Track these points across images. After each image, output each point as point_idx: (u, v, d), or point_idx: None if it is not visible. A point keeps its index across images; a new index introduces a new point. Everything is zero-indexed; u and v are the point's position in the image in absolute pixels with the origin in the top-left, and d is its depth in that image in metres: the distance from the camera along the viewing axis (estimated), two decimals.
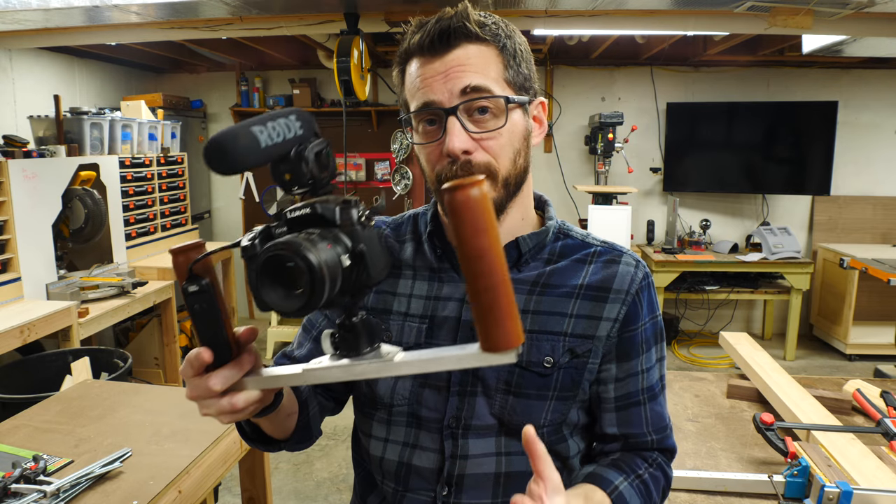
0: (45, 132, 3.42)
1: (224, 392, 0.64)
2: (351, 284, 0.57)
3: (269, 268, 0.54)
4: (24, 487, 1.19)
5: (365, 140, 4.99)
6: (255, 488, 1.79)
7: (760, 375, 1.62)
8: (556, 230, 0.91)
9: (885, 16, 2.80)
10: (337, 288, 0.54)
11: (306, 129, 0.60)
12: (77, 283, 3.17)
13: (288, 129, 0.58)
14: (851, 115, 4.68)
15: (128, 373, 2.54)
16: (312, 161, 0.59)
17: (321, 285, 0.52)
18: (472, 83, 0.78)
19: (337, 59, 2.99)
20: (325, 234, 0.55)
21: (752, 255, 4.33)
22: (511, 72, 0.81)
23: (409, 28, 0.83)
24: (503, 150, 0.81)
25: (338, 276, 0.54)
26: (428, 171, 0.84)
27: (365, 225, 0.58)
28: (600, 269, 0.86)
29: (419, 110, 0.81)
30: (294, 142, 0.59)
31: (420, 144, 0.83)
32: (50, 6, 2.53)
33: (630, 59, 4.72)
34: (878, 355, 4.28)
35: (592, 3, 2.75)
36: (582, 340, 0.84)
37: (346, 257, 0.55)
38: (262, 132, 0.56)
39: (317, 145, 0.60)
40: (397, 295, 0.90)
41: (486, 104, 0.79)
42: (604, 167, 4.44)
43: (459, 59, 0.78)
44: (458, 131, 0.78)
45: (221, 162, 0.54)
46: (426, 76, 0.79)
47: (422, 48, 0.80)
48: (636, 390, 0.87)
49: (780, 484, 1.14)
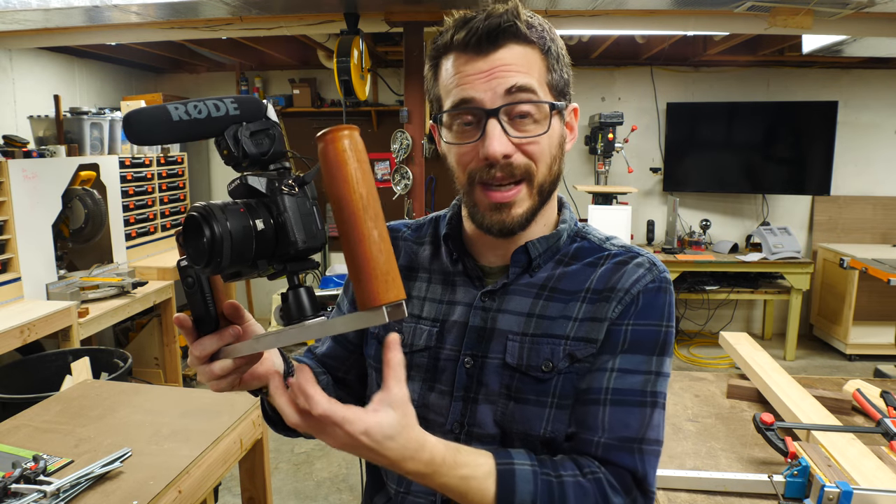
0: (45, 132, 3.42)
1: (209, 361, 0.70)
2: (275, 251, 0.61)
3: (187, 226, 0.59)
4: (24, 487, 1.19)
5: (365, 140, 4.86)
6: (255, 488, 1.78)
7: (760, 375, 1.62)
8: (571, 232, 0.89)
9: (885, 16, 2.80)
10: (248, 252, 0.59)
11: (245, 112, 0.63)
12: (77, 283, 3.17)
13: (216, 108, 0.61)
14: (851, 115, 4.68)
15: (128, 373, 2.54)
16: (246, 140, 0.62)
17: (220, 246, 0.57)
18: (519, 83, 0.75)
19: (337, 59, 2.99)
20: (247, 203, 0.61)
21: (752, 255, 4.33)
22: (554, 76, 0.79)
23: (451, 21, 0.78)
24: (542, 157, 0.78)
25: (245, 240, 0.58)
26: (458, 170, 0.80)
27: (290, 193, 0.61)
28: (609, 272, 0.82)
29: (457, 107, 0.77)
30: (225, 121, 0.62)
31: (453, 144, 0.80)
32: (50, 6, 2.53)
33: (630, 59, 4.73)
34: (878, 355, 4.28)
35: (592, 3, 2.75)
36: (584, 344, 0.79)
37: (260, 222, 0.59)
38: (178, 108, 0.60)
39: (255, 125, 0.63)
40: (412, 298, 0.90)
41: (529, 109, 0.76)
42: (604, 167, 4.44)
43: (505, 59, 0.75)
44: (500, 134, 0.75)
45: (128, 132, 0.59)
46: (468, 73, 0.76)
47: (466, 45, 0.76)
48: (599, 387, 0.77)
49: (780, 484, 1.14)
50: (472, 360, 0.83)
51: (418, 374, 0.86)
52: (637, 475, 0.75)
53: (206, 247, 0.57)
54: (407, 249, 0.95)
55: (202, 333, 0.69)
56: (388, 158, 5.01)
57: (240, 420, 1.57)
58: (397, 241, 0.97)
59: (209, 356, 0.69)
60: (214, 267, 0.58)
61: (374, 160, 5.06)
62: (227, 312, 0.70)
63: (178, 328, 0.70)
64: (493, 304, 0.84)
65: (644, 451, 0.76)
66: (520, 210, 0.79)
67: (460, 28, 0.76)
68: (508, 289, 0.85)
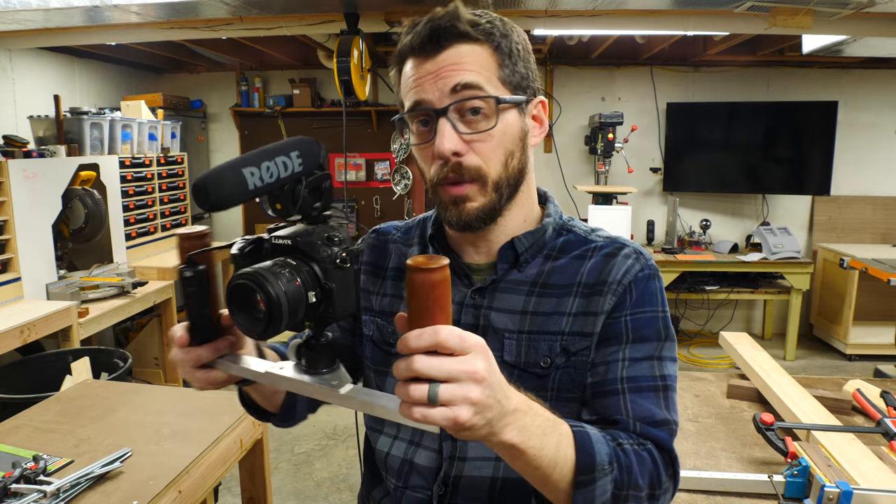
0: (45, 132, 3.42)
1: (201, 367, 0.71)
2: (315, 316, 0.61)
3: (236, 293, 0.58)
4: (24, 487, 1.19)
5: (365, 140, 4.99)
6: (255, 488, 1.78)
7: (760, 375, 1.62)
8: (557, 226, 0.89)
9: (885, 16, 2.80)
10: (299, 318, 0.58)
11: (307, 164, 0.62)
12: (77, 283, 3.17)
13: (285, 167, 0.60)
14: (851, 115, 4.68)
15: (128, 373, 2.54)
16: (305, 196, 0.62)
17: (278, 316, 0.56)
18: (463, 80, 0.76)
19: (337, 59, 2.99)
20: (298, 268, 0.59)
21: (752, 255, 4.33)
22: (506, 71, 0.80)
23: (403, 28, 0.82)
24: (494, 153, 0.79)
25: (299, 309, 0.58)
26: (425, 171, 0.83)
27: (341, 266, 0.60)
28: (598, 264, 0.83)
29: (411, 110, 0.80)
30: (290, 179, 0.61)
31: (415, 146, 0.83)
32: (50, 6, 2.53)
33: (630, 59, 4.72)
34: (878, 355, 4.27)
35: (592, 3, 2.75)
36: (579, 338, 0.81)
37: (312, 294, 0.59)
38: (254, 174, 0.58)
39: (315, 180, 0.62)
40: (405, 298, 0.90)
41: (478, 104, 0.77)
42: (604, 167, 4.44)
43: (451, 58, 0.77)
44: (449, 132, 0.77)
45: (204, 203, 0.56)
46: (418, 76, 0.78)
47: (413, 49, 0.79)
48: (614, 378, 0.79)
49: (780, 484, 1.14)
50: None
51: None
52: (672, 454, 0.77)
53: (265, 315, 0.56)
54: (397, 252, 0.96)
55: (197, 340, 0.70)
56: (388, 158, 5.01)
57: (240, 420, 1.57)
58: (388, 244, 0.97)
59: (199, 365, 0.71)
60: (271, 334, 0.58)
61: (374, 160, 5.06)
62: (225, 321, 0.71)
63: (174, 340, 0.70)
64: (484, 301, 0.85)
65: (672, 433, 0.79)
66: (475, 204, 0.80)
67: (408, 33, 0.79)
68: (498, 285, 0.85)
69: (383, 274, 0.95)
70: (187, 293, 0.67)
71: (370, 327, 0.93)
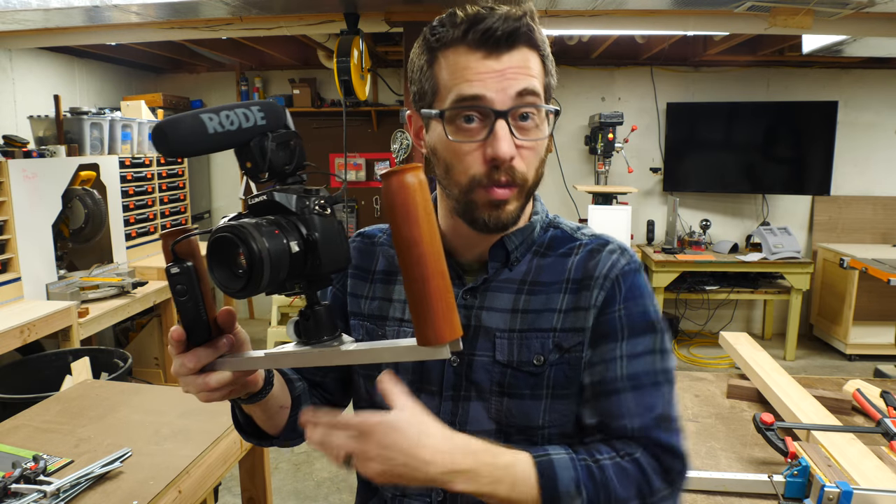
0: (45, 132, 3.42)
1: (201, 371, 0.68)
2: (303, 271, 0.59)
3: (217, 248, 0.57)
4: (24, 487, 1.19)
5: (365, 140, 4.99)
6: (255, 488, 1.79)
7: (760, 375, 1.62)
8: (544, 223, 0.90)
9: (885, 16, 2.80)
10: (283, 273, 0.57)
11: (271, 120, 0.61)
12: (77, 283, 3.17)
13: (246, 118, 0.59)
14: (851, 115, 4.68)
15: (128, 373, 2.54)
16: (273, 151, 0.60)
17: (259, 269, 0.54)
18: (529, 87, 0.75)
19: (337, 59, 2.99)
20: (277, 221, 0.58)
21: (752, 255, 4.33)
22: (547, 79, 0.80)
23: (463, 15, 0.76)
24: (534, 160, 0.79)
25: (282, 262, 0.56)
26: (459, 171, 0.78)
27: (322, 213, 0.60)
28: (584, 260, 0.84)
29: (464, 100, 0.75)
30: (254, 131, 0.60)
31: (455, 141, 0.77)
32: (50, 6, 2.53)
33: (630, 59, 4.72)
34: (878, 355, 4.27)
35: (592, 3, 2.75)
36: (571, 334, 0.81)
37: (294, 244, 0.57)
38: (213, 119, 0.57)
39: (281, 136, 0.61)
40: (393, 301, 0.90)
41: (534, 113, 0.77)
42: (604, 167, 4.44)
43: (518, 61, 0.76)
44: (509, 136, 0.75)
45: (162, 145, 0.56)
46: (479, 70, 0.75)
47: (480, 42, 0.75)
48: (614, 377, 0.79)
49: (780, 484, 1.14)
50: (459, 358, 0.84)
51: (405, 376, 0.86)
52: (676, 450, 0.78)
53: (246, 270, 0.55)
54: (384, 254, 0.94)
55: (193, 343, 0.67)
56: (388, 158, 5.01)
57: None
58: (374, 247, 0.96)
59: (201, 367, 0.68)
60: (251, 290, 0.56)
61: (373, 160, 5.06)
62: (222, 320, 0.69)
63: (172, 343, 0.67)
64: (475, 301, 0.85)
65: (673, 428, 0.79)
66: (512, 207, 0.80)
67: (475, 24, 0.75)
68: (490, 285, 0.85)
69: (371, 277, 0.93)
70: (177, 291, 0.64)
71: (359, 332, 0.92)
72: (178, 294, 0.64)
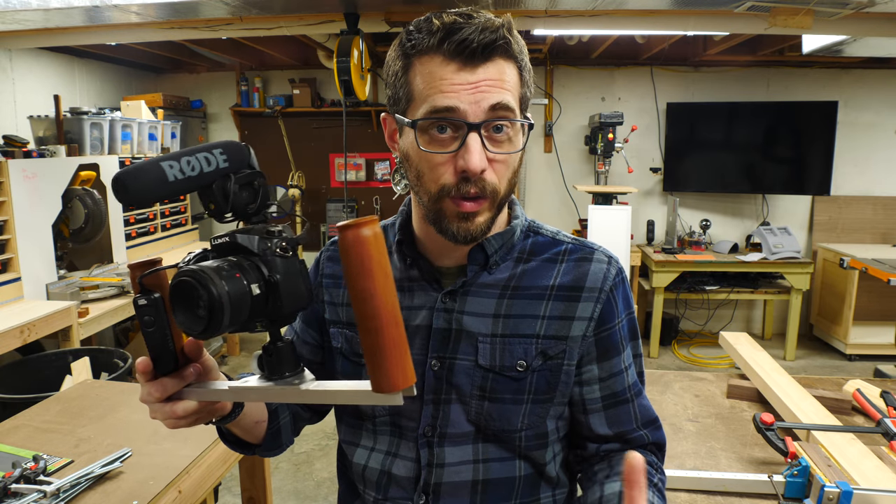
0: (45, 132, 3.42)
1: (168, 399, 0.69)
2: (264, 311, 0.60)
3: (178, 291, 0.58)
4: (24, 487, 1.19)
5: (365, 140, 4.99)
6: (255, 488, 1.79)
7: (760, 375, 1.62)
8: (524, 228, 0.90)
9: (885, 16, 2.80)
10: (244, 314, 0.58)
11: (234, 162, 0.62)
12: (77, 283, 3.17)
13: (207, 162, 0.60)
14: (851, 115, 4.68)
15: (128, 373, 2.54)
16: (236, 193, 0.62)
17: (220, 312, 0.55)
18: (503, 101, 0.74)
19: (337, 59, 2.99)
20: (239, 263, 0.59)
21: (752, 255, 4.33)
22: (523, 91, 0.79)
23: (438, 23, 0.74)
24: (506, 173, 0.78)
25: (243, 303, 0.57)
26: (429, 178, 0.78)
27: (283, 255, 0.60)
28: (572, 268, 0.85)
29: (437, 112, 0.74)
30: (217, 174, 0.61)
31: (426, 151, 0.76)
32: (50, 6, 2.53)
33: (630, 59, 4.72)
34: (878, 355, 4.28)
35: (592, 3, 2.75)
36: (555, 342, 0.82)
37: (255, 286, 0.58)
38: (173, 167, 0.58)
39: (245, 177, 0.62)
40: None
41: (508, 125, 0.76)
42: (604, 167, 4.44)
43: (493, 74, 0.74)
44: (480, 149, 0.74)
45: (122, 195, 0.56)
46: (454, 82, 0.73)
47: (455, 52, 0.73)
48: (623, 388, 0.86)
49: (780, 484, 1.14)
50: (440, 362, 0.84)
51: None
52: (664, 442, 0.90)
53: (205, 314, 0.56)
54: None
55: (160, 372, 0.68)
56: (387, 158, 5.01)
57: None
58: None
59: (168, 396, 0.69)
60: (212, 332, 0.57)
61: (374, 160, 5.06)
62: (188, 349, 0.70)
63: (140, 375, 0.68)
64: (455, 304, 0.85)
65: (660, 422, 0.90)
66: (482, 219, 0.79)
67: (451, 35, 0.73)
68: (469, 289, 0.85)
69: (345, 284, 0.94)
70: (144, 322, 0.65)
71: (339, 339, 0.92)
72: (146, 325, 0.65)
